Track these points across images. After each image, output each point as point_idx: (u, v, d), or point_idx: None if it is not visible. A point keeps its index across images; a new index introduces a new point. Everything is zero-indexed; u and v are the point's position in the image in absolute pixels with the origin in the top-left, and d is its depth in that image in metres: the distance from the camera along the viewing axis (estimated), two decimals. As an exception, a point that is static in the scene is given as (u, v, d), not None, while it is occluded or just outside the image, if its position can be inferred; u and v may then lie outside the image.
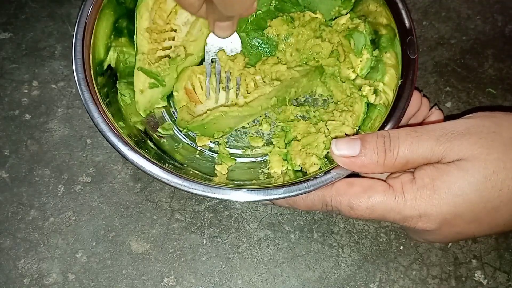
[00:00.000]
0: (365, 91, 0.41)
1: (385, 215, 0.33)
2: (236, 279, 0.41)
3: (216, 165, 0.41)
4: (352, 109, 0.41)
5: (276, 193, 0.34)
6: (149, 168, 0.35)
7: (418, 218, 0.33)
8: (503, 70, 0.50)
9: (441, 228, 0.33)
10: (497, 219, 0.33)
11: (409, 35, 0.40)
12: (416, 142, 0.33)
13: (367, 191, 0.34)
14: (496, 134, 0.32)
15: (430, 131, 0.33)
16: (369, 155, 0.33)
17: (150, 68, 0.42)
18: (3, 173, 0.44)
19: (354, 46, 0.43)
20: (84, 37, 0.38)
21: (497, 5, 0.54)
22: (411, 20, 0.40)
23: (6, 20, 0.50)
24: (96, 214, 0.43)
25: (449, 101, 0.49)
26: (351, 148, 0.33)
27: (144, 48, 0.42)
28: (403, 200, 0.33)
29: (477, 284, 0.41)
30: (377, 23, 0.43)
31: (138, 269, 0.41)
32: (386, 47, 0.41)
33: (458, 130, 0.33)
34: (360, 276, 0.41)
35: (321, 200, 0.35)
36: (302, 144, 0.41)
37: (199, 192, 0.34)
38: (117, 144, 0.35)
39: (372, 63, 0.43)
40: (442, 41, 0.52)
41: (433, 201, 0.32)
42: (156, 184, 0.44)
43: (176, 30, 0.44)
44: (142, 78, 0.42)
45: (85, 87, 0.36)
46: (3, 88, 0.47)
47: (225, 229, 0.43)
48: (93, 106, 0.36)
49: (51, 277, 0.40)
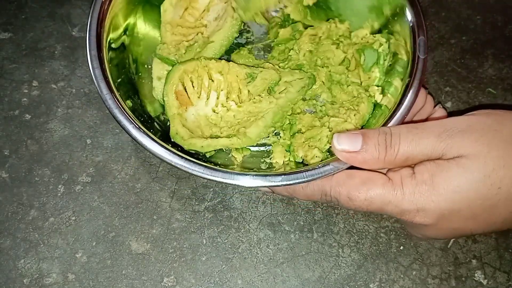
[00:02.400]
0: (373, 91, 0.41)
1: (383, 208, 0.34)
2: (236, 279, 0.41)
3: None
4: (358, 108, 0.41)
5: (274, 180, 0.34)
6: (150, 145, 0.35)
7: (416, 213, 0.33)
8: (503, 70, 0.50)
9: (438, 223, 0.33)
10: (494, 216, 0.33)
11: (421, 35, 0.39)
12: (417, 139, 0.33)
13: (366, 183, 0.34)
14: (497, 132, 0.32)
15: (431, 127, 0.33)
16: (370, 151, 0.33)
17: (169, 56, 0.43)
18: (3, 173, 0.44)
19: (364, 62, 0.43)
20: (100, 15, 0.38)
21: (497, 5, 0.54)
22: (423, 20, 0.40)
23: (6, 20, 0.50)
24: (96, 214, 0.43)
25: (449, 101, 0.49)
26: (353, 143, 0.33)
27: (166, 39, 0.44)
28: (401, 194, 0.33)
29: (477, 284, 0.41)
30: (400, 45, 0.42)
31: (138, 269, 0.41)
32: (400, 74, 0.40)
33: (459, 127, 0.33)
34: (360, 276, 0.41)
35: (320, 190, 0.35)
36: (305, 137, 0.41)
37: (199, 173, 0.34)
38: (123, 121, 0.36)
39: (381, 82, 0.42)
40: (442, 41, 0.52)
41: (432, 197, 0.32)
42: (156, 184, 0.44)
43: (206, 25, 0.45)
44: (160, 65, 0.43)
45: (97, 63, 0.37)
46: (3, 88, 0.47)
47: (225, 229, 0.43)
48: (103, 83, 0.36)
49: (51, 277, 0.40)
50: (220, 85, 0.43)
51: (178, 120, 0.41)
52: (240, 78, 0.43)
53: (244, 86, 0.43)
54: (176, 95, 0.42)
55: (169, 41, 0.44)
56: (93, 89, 0.48)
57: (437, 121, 0.34)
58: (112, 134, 0.46)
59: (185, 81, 0.43)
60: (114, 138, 0.46)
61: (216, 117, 0.42)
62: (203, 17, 0.46)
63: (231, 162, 0.42)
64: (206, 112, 0.42)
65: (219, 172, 0.34)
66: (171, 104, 0.41)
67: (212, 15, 0.46)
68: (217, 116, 0.42)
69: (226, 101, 0.43)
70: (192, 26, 0.45)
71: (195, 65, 0.43)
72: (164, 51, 0.43)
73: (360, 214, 0.43)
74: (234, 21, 0.45)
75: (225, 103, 0.43)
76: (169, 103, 0.41)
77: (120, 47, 0.42)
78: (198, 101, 0.43)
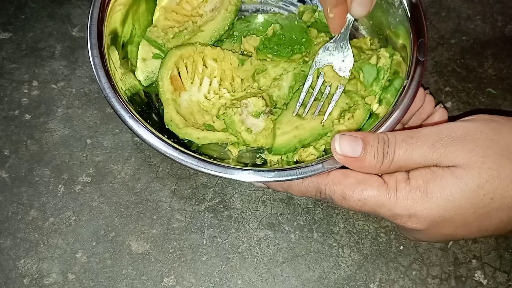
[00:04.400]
0: (369, 100, 0.41)
1: (376, 210, 0.34)
2: (236, 279, 0.41)
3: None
4: (353, 114, 0.41)
5: (267, 175, 0.34)
6: (146, 136, 0.35)
7: (408, 218, 0.33)
8: (503, 70, 0.50)
9: (430, 229, 0.33)
10: (486, 224, 0.33)
11: (421, 37, 0.39)
12: (410, 149, 0.33)
13: (361, 183, 0.34)
14: (493, 142, 0.33)
15: (426, 136, 0.33)
16: (368, 159, 0.33)
17: (157, 39, 0.43)
18: (3, 173, 0.44)
19: (363, 78, 0.42)
20: (101, 4, 0.38)
21: (497, 5, 0.54)
22: (425, 22, 0.40)
23: (6, 20, 0.51)
24: (96, 214, 0.43)
25: (449, 101, 0.49)
26: (354, 149, 0.33)
27: (158, 23, 0.44)
28: (395, 198, 0.33)
29: (477, 284, 0.41)
30: (402, 63, 0.41)
31: (138, 269, 0.41)
32: (396, 91, 0.39)
33: (454, 135, 0.33)
34: (360, 276, 0.41)
35: (315, 187, 0.36)
36: None
37: (192, 165, 0.34)
38: (119, 110, 0.35)
39: (379, 96, 0.42)
40: (442, 41, 0.52)
41: (424, 204, 0.32)
42: (156, 184, 0.44)
43: (202, 15, 0.46)
44: (147, 47, 0.44)
45: (97, 52, 0.37)
46: (3, 88, 0.47)
47: (225, 229, 0.43)
48: (102, 71, 0.36)
49: (51, 277, 0.40)
50: (214, 71, 0.43)
51: (172, 106, 0.41)
52: (234, 65, 0.44)
53: (237, 74, 0.44)
54: (171, 79, 0.42)
55: (161, 25, 0.44)
56: (93, 89, 0.48)
57: (433, 128, 0.34)
58: (112, 134, 0.46)
59: (180, 66, 0.43)
60: (114, 138, 0.46)
61: (208, 103, 0.43)
62: (200, 7, 0.46)
63: (227, 156, 0.42)
64: (198, 98, 0.43)
65: (212, 165, 0.34)
66: (165, 88, 0.42)
67: (209, 6, 0.47)
68: (209, 103, 0.43)
69: (219, 88, 0.43)
70: (188, 15, 0.46)
71: (191, 51, 0.43)
72: (153, 34, 0.44)
73: (360, 214, 0.44)
74: (228, 13, 0.46)
75: (217, 90, 0.43)
76: (163, 88, 0.42)
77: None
78: (191, 86, 0.43)
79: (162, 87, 0.42)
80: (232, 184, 0.44)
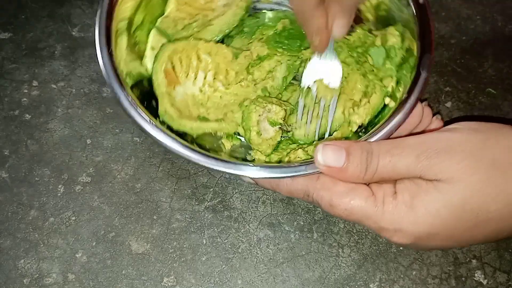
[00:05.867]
0: (387, 83, 0.40)
1: (362, 221, 0.33)
2: (236, 279, 0.41)
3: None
4: (369, 99, 0.40)
5: (248, 170, 0.34)
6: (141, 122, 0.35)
7: (393, 232, 0.33)
8: (503, 70, 0.50)
9: (416, 243, 0.33)
10: (473, 236, 0.33)
11: (427, 52, 0.37)
12: (394, 161, 0.33)
13: (350, 193, 0.33)
14: (478, 156, 0.32)
15: (411, 147, 0.33)
16: (351, 170, 0.33)
17: (166, 30, 0.43)
18: (3, 173, 0.44)
19: (374, 62, 0.41)
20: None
21: (497, 5, 0.54)
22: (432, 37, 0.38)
23: (6, 20, 0.51)
24: (96, 214, 0.43)
25: (449, 101, 0.49)
26: (337, 160, 0.33)
27: (170, 14, 0.44)
28: (381, 212, 0.33)
29: (477, 284, 0.41)
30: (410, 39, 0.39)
31: (138, 269, 0.41)
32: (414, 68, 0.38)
33: (438, 147, 0.32)
34: (360, 276, 0.41)
35: (303, 190, 0.35)
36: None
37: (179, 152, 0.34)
38: (119, 94, 0.35)
39: (396, 74, 0.40)
40: (442, 41, 0.52)
41: (410, 219, 0.32)
42: (156, 184, 0.44)
43: (214, 10, 0.46)
44: (157, 37, 0.44)
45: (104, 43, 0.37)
46: (3, 88, 0.47)
47: (225, 229, 0.43)
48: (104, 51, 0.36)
49: (51, 277, 0.40)
50: (208, 65, 0.44)
51: (167, 99, 0.41)
52: (228, 59, 0.44)
53: (231, 67, 0.44)
54: (165, 73, 0.42)
55: (172, 16, 0.44)
56: (93, 89, 0.48)
57: (419, 138, 0.34)
58: (112, 134, 0.46)
59: (174, 60, 0.43)
60: (114, 138, 0.46)
61: (203, 97, 0.43)
62: (213, 1, 0.46)
63: (219, 148, 0.42)
64: (193, 92, 0.43)
65: (199, 155, 0.34)
66: (160, 82, 0.42)
67: (222, 1, 0.46)
68: (204, 96, 0.43)
69: (213, 81, 0.43)
70: (200, 8, 0.46)
71: (185, 45, 0.43)
72: (163, 24, 0.44)
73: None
74: (238, 9, 0.46)
75: (212, 83, 0.43)
76: (158, 81, 0.42)
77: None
78: (186, 81, 0.43)
79: (156, 81, 0.42)
80: (232, 184, 0.44)
